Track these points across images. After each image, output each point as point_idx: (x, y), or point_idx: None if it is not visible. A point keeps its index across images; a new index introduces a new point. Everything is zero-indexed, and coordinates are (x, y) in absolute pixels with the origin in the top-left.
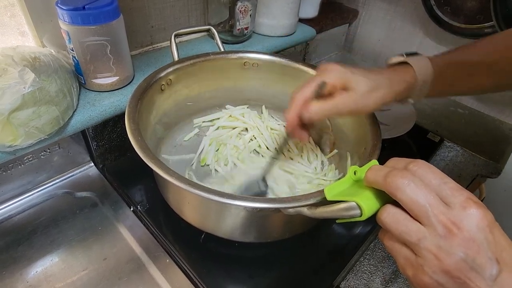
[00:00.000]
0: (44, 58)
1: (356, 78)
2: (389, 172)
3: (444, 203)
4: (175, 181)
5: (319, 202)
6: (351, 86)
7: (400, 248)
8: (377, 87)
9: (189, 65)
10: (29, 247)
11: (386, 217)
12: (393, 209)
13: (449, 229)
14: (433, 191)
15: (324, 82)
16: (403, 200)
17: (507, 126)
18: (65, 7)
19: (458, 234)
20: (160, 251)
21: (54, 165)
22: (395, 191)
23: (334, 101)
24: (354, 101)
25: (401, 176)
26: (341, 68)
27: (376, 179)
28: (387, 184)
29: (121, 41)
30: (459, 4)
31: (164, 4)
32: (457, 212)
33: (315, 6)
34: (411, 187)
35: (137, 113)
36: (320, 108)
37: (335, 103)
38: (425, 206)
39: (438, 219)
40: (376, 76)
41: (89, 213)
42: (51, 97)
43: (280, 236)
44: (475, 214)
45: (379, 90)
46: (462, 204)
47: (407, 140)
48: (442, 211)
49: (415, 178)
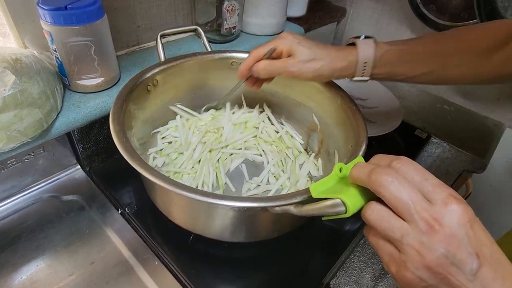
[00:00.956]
0: (26, 60)
1: (300, 48)
2: (373, 170)
3: (427, 199)
4: (161, 182)
5: (306, 200)
6: (294, 53)
7: (384, 245)
8: (316, 58)
9: (175, 65)
10: (14, 253)
11: (371, 214)
12: (377, 206)
13: (431, 225)
14: (415, 188)
15: (274, 48)
16: (386, 197)
17: (491, 122)
18: (46, 7)
19: (440, 230)
20: (148, 253)
21: (39, 168)
22: (378, 188)
23: (277, 63)
24: (292, 65)
25: (384, 173)
26: (292, 37)
27: (360, 176)
28: (371, 181)
29: (106, 42)
30: (444, 2)
31: (150, 4)
32: (438, 208)
33: (303, 5)
34: (394, 184)
35: (123, 114)
36: (265, 66)
37: (277, 65)
38: (407, 203)
39: (420, 215)
40: (320, 50)
41: (75, 217)
42: (34, 99)
43: (269, 235)
44: (456, 210)
45: (317, 62)
46: (444, 200)
47: (394, 137)
48: (424, 207)
49: (398, 175)
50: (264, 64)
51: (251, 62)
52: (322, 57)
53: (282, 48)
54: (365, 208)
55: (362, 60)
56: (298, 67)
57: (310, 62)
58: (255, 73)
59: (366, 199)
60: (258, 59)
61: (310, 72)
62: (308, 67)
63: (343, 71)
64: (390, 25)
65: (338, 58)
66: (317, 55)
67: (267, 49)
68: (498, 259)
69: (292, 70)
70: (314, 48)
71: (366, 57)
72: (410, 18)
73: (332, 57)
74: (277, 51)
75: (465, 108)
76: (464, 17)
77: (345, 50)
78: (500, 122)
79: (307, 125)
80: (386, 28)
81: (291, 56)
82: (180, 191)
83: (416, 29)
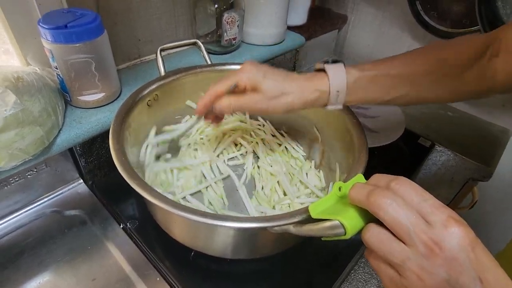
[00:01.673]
0: (27, 78)
1: (266, 83)
2: (372, 191)
3: (426, 221)
4: (160, 203)
5: (305, 220)
6: (260, 89)
7: (385, 268)
8: (285, 93)
9: (175, 79)
10: (16, 270)
11: (370, 237)
12: (377, 229)
13: (431, 249)
14: (414, 209)
15: (235, 84)
16: (385, 220)
17: (496, 128)
18: (47, 26)
19: (440, 253)
20: (150, 269)
21: (41, 184)
22: (377, 211)
23: (243, 99)
24: (260, 102)
25: (383, 196)
26: (255, 70)
27: (359, 198)
28: (370, 203)
29: (106, 57)
30: (446, 9)
31: (150, 17)
32: (438, 230)
33: (303, 14)
34: (393, 206)
35: (122, 131)
36: (229, 104)
37: (244, 102)
38: (406, 225)
39: (420, 238)
40: (287, 83)
41: (78, 232)
42: (35, 117)
43: (271, 252)
44: (456, 233)
45: (287, 96)
46: (443, 222)
47: (397, 146)
48: (423, 230)
49: (396, 197)
50: (229, 101)
51: (210, 99)
52: (291, 90)
53: (245, 84)
54: (364, 230)
55: (335, 89)
56: (266, 104)
57: (278, 97)
58: (218, 111)
59: (365, 220)
60: (218, 96)
61: (280, 108)
62: (277, 103)
63: (316, 102)
64: (392, 32)
65: (308, 89)
66: (285, 89)
67: (227, 86)
68: (504, 285)
69: (261, 108)
70: (280, 81)
71: (338, 85)
72: (411, 24)
73: (302, 89)
74: (240, 86)
75: (470, 114)
76: (466, 24)
77: (314, 79)
78: (506, 128)
79: (308, 136)
80: (387, 35)
81: (257, 92)
82: (178, 212)
83: (417, 36)
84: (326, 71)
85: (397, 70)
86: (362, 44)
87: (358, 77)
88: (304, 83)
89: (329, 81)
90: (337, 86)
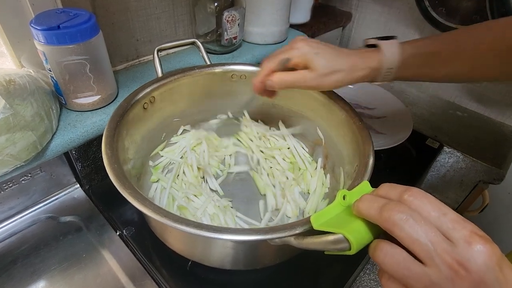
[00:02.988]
0: (20, 80)
1: (319, 60)
2: (384, 206)
3: (447, 238)
4: (153, 214)
5: (307, 231)
6: (311, 66)
7: None
8: (336, 70)
9: (173, 80)
10: (9, 279)
11: (384, 258)
12: (390, 248)
13: (456, 271)
14: (433, 226)
15: (288, 59)
16: (401, 238)
17: (508, 129)
18: (39, 27)
19: (466, 276)
20: (146, 278)
21: (37, 189)
22: (392, 228)
23: (294, 76)
24: (312, 79)
25: (398, 211)
26: (308, 47)
27: (370, 213)
28: (382, 219)
29: (102, 59)
30: (454, 4)
31: (149, 16)
32: (461, 249)
33: (306, 11)
34: (410, 223)
35: (116, 136)
36: (280, 80)
37: (295, 78)
38: (427, 244)
39: (442, 259)
40: (339, 60)
41: (73, 239)
42: (27, 121)
43: (272, 262)
44: (482, 251)
45: (338, 73)
46: (467, 239)
47: (404, 147)
48: (445, 249)
49: (413, 212)
50: (280, 77)
51: (264, 74)
52: (342, 67)
53: (297, 61)
54: (375, 248)
55: (386, 67)
56: (317, 82)
57: (329, 75)
58: (270, 87)
59: (373, 234)
60: (271, 71)
61: (329, 85)
62: (328, 80)
63: (364, 78)
64: (398, 29)
65: (360, 66)
66: (336, 66)
67: (278, 61)
68: None
69: (311, 85)
70: (333, 59)
71: (391, 62)
72: (419, 21)
73: (353, 66)
74: (292, 62)
75: (480, 114)
76: (475, 20)
77: (366, 56)
78: None
79: (311, 139)
80: (393, 32)
81: (309, 69)
82: (172, 223)
83: (425, 33)
84: (380, 47)
85: (455, 46)
86: None
87: (412, 54)
88: (356, 60)
89: (382, 58)
90: (390, 64)
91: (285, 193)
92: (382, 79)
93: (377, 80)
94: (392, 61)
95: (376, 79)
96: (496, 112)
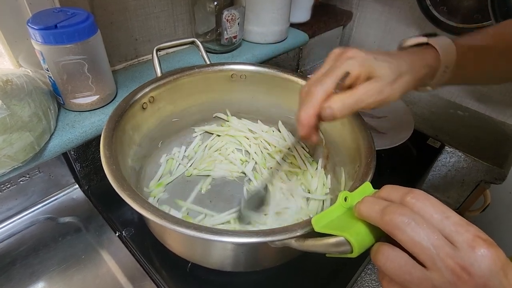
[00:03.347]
0: (17, 80)
1: (380, 65)
2: (386, 209)
3: (450, 242)
4: (152, 216)
5: (307, 234)
6: (375, 74)
7: None
8: (401, 73)
9: (172, 80)
10: (7, 280)
11: (386, 262)
12: (392, 252)
13: (459, 275)
14: (436, 229)
15: (348, 73)
16: (403, 241)
17: (509, 128)
18: (36, 26)
19: (469, 281)
20: (146, 279)
21: (35, 190)
22: (394, 231)
23: (358, 93)
24: (380, 91)
25: (399, 214)
26: (363, 54)
27: (371, 215)
28: (384, 222)
29: (100, 58)
30: (456, 3)
31: (148, 16)
32: (465, 253)
33: (307, 10)
34: (412, 226)
35: (115, 136)
36: (344, 104)
37: (360, 96)
38: (429, 248)
39: (445, 263)
40: (399, 61)
41: (72, 240)
42: (24, 122)
43: (273, 264)
44: (486, 256)
45: (404, 77)
46: (470, 243)
47: (406, 147)
48: (448, 253)
49: (415, 215)
50: (342, 101)
51: (319, 103)
52: (405, 69)
53: (358, 72)
54: (376, 251)
55: (444, 64)
56: (387, 92)
57: (397, 80)
58: (329, 116)
59: (375, 236)
60: (327, 96)
61: (398, 92)
62: (397, 87)
63: (423, 80)
64: (399, 28)
65: (417, 65)
66: (400, 69)
67: (335, 79)
68: None
69: (381, 98)
70: (393, 60)
71: (448, 60)
72: (420, 20)
73: (413, 66)
74: (353, 75)
75: (481, 114)
76: (478, 19)
77: (422, 54)
78: None
79: None
80: (394, 31)
81: (373, 79)
82: (170, 225)
83: (426, 32)
84: (433, 45)
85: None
86: (367, 41)
87: (468, 49)
88: (413, 59)
89: (437, 55)
90: (447, 61)
91: (285, 193)
92: (437, 81)
93: (432, 82)
94: (449, 58)
95: (431, 81)
96: (497, 112)
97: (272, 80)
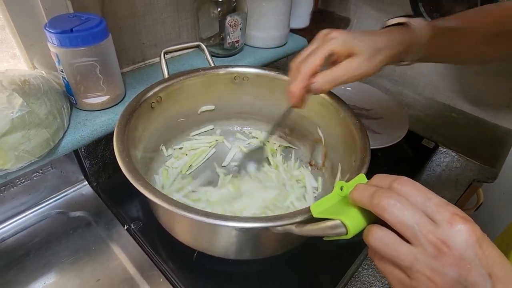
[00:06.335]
0: (34, 81)
1: (360, 43)
2: (375, 193)
3: (431, 220)
4: (162, 202)
5: (307, 220)
6: (355, 51)
7: (393, 270)
8: (379, 49)
9: (178, 81)
10: (21, 271)
11: (375, 241)
12: (380, 232)
13: (439, 249)
14: (419, 209)
15: (332, 52)
16: (390, 221)
17: (501, 129)
18: (53, 30)
19: (448, 253)
20: (154, 270)
21: (47, 185)
22: (381, 212)
23: (340, 68)
24: (359, 66)
25: (386, 196)
26: (344, 34)
27: (362, 200)
28: (373, 205)
29: (111, 60)
30: (447, 10)
31: (154, 21)
32: (444, 229)
33: (306, 16)
34: (397, 207)
35: (126, 133)
36: (328, 78)
37: (343, 71)
38: (412, 226)
39: (427, 238)
40: (376, 38)
41: (82, 233)
42: (41, 119)
43: (274, 252)
44: (462, 230)
45: (381, 52)
46: (448, 220)
47: (401, 147)
48: (430, 229)
49: (400, 197)
50: (326, 76)
51: (306, 78)
52: (382, 45)
53: (340, 50)
54: (368, 232)
55: (419, 42)
56: (366, 66)
57: (375, 55)
58: (316, 90)
59: (367, 220)
60: (314, 72)
61: (375, 66)
62: (374, 61)
63: (400, 55)
64: None
65: (395, 42)
66: (378, 46)
67: (321, 57)
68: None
69: (360, 72)
70: (371, 38)
71: (423, 38)
72: None
73: (391, 42)
74: (334, 54)
75: (474, 116)
76: None
77: (399, 32)
78: (510, 129)
79: (311, 138)
80: None
81: (355, 56)
82: (180, 211)
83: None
84: (409, 24)
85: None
86: None
87: (442, 29)
88: (391, 37)
89: (413, 33)
90: (421, 39)
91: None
92: (412, 57)
93: (407, 58)
94: (423, 34)
95: (406, 57)
96: (490, 114)
97: (273, 82)
